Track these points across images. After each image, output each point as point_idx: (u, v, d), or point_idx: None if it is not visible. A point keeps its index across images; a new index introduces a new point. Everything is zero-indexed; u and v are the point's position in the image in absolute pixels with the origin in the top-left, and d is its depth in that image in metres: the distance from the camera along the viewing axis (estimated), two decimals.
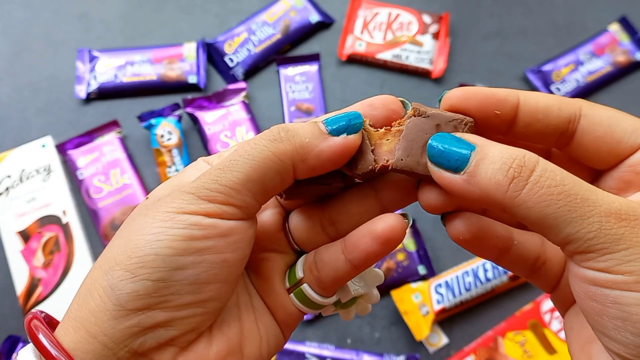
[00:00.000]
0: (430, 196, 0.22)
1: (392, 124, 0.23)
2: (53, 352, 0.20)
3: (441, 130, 0.22)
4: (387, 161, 0.23)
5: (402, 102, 0.24)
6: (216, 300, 0.22)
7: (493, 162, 0.19)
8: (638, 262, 0.18)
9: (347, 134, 0.22)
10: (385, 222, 0.23)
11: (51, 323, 0.23)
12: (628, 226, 0.18)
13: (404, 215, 0.23)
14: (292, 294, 0.24)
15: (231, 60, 0.69)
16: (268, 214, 0.25)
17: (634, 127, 0.22)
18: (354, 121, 0.22)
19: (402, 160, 0.22)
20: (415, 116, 0.23)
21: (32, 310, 0.23)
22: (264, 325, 0.24)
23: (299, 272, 0.24)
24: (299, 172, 0.22)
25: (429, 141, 0.21)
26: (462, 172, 0.20)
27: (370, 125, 0.24)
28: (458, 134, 0.21)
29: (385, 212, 0.24)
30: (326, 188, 0.23)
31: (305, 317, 0.56)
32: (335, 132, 0.22)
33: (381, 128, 0.24)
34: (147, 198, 0.23)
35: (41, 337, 0.20)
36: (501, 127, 0.23)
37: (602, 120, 0.22)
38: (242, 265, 0.23)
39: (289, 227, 0.25)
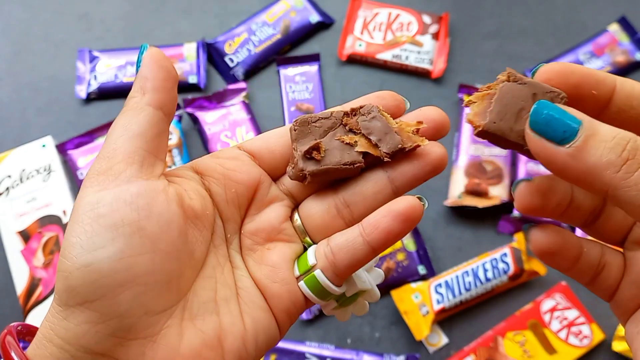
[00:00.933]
0: (527, 197, 0.22)
1: (480, 87, 0.23)
2: None
3: (536, 100, 0.21)
4: (479, 123, 0.22)
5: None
6: (153, 273, 0.21)
7: (605, 140, 0.18)
8: None
9: None
10: (406, 201, 0.23)
11: (30, 332, 0.23)
12: None
13: (419, 198, 0.23)
14: (302, 282, 0.24)
15: (231, 60, 0.69)
16: (274, 207, 0.26)
17: None
18: None
19: (494, 123, 0.21)
20: (509, 81, 0.22)
21: (10, 325, 0.23)
22: (252, 320, 0.24)
23: (312, 259, 0.24)
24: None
25: (535, 106, 0.20)
26: (568, 145, 0.19)
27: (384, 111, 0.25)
28: (562, 106, 0.20)
29: (398, 193, 0.24)
30: (350, 169, 0.24)
31: (304, 316, 0.56)
32: None
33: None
34: None
35: (12, 354, 0.21)
36: (594, 108, 0.22)
37: None
38: (174, 237, 0.22)
39: (300, 215, 0.25)
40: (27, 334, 0.23)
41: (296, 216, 0.26)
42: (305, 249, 0.26)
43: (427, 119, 0.25)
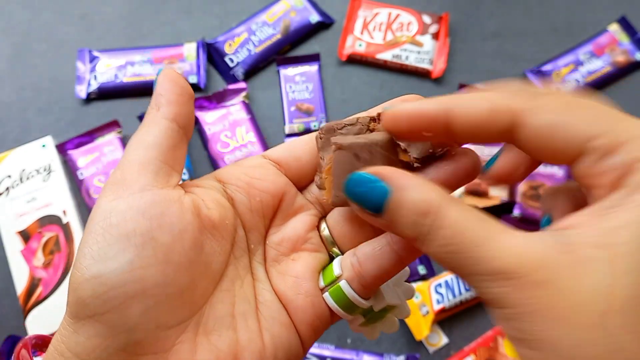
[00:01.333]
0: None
1: (323, 166, 0.24)
2: None
3: (359, 159, 0.22)
4: (328, 202, 0.23)
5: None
6: (165, 285, 0.20)
7: (406, 214, 0.19)
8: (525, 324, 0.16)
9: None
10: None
11: (46, 343, 0.23)
12: (509, 286, 0.16)
13: None
14: (327, 293, 0.24)
15: (231, 60, 0.69)
16: (300, 217, 0.25)
17: (580, 136, 0.18)
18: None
19: (337, 196, 0.23)
20: (336, 150, 0.23)
21: (26, 337, 0.23)
22: (271, 337, 0.23)
23: (337, 270, 0.23)
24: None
25: (345, 182, 0.20)
26: (381, 217, 0.19)
27: None
28: (373, 171, 0.20)
29: None
30: None
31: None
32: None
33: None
34: None
35: None
36: (443, 141, 0.22)
37: (542, 130, 0.19)
38: (187, 248, 0.21)
39: (329, 224, 0.25)
40: (43, 346, 0.23)
41: (323, 225, 0.25)
42: (331, 260, 0.25)
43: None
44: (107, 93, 0.67)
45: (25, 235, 0.58)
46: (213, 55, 0.69)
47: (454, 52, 0.70)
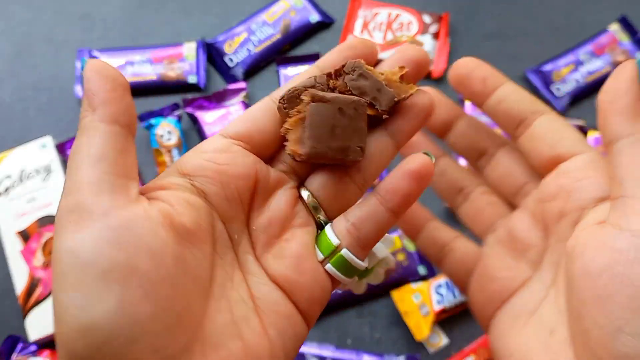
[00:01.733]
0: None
1: (290, 112, 0.23)
2: None
3: (344, 115, 0.22)
4: (298, 152, 0.22)
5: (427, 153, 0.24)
6: (160, 317, 0.19)
7: None
8: None
9: None
10: (419, 159, 0.23)
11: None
12: None
13: (427, 154, 0.23)
14: (328, 264, 0.23)
15: (231, 60, 0.69)
16: (281, 193, 0.24)
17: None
18: None
19: (314, 147, 0.22)
20: (314, 102, 0.22)
21: None
22: (276, 331, 0.22)
23: (334, 239, 0.23)
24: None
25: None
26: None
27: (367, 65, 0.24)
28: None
29: (399, 147, 0.25)
30: None
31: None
32: None
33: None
34: None
35: None
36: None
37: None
38: (168, 264, 0.19)
39: (311, 190, 0.24)
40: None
41: (306, 193, 0.24)
42: (319, 227, 0.24)
43: (407, 60, 0.26)
44: None
45: (25, 236, 0.58)
46: (213, 55, 0.69)
47: (454, 52, 0.70)
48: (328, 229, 0.23)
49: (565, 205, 0.25)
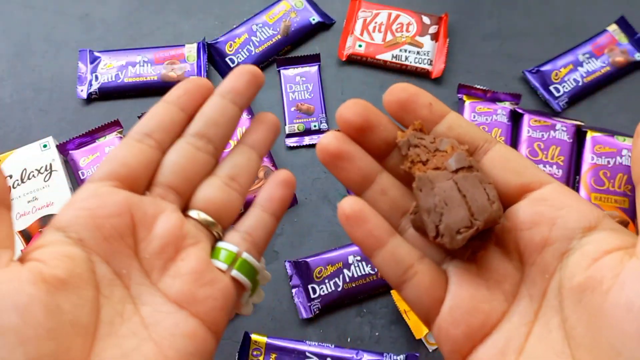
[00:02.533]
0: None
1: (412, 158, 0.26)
2: None
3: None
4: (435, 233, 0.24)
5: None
6: None
7: None
8: None
9: None
10: (283, 172, 0.28)
11: None
12: None
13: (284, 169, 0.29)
14: (234, 271, 0.25)
15: (232, 61, 0.69)
16: (164, 217, 0.25)
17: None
18: None
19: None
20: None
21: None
22: (175, 349, 0.23)
23: (233, 247, 0.26)
24: None
25: None
26: None
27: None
28: None
29: (261, 156, 0.29)
30: None
31: (304, 315, 0.56)
32: None
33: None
34: None
35: None
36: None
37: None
38: (37, 317, 0.20)
39: (199, 207, 0.26)
40: None
41: (195, 213, 0.26)
42: (217, 239, 0.27)
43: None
44: (108, 93, 0.67)
45: (27, 235, 0.59)
46: (214, 55, 0.70)
47: (453, 53, 0.70)
48: (223, 243, 0.26)
49: (549, 235, 0.24)
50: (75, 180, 0.62)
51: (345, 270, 0.57)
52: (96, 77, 0.67)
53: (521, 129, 0.64)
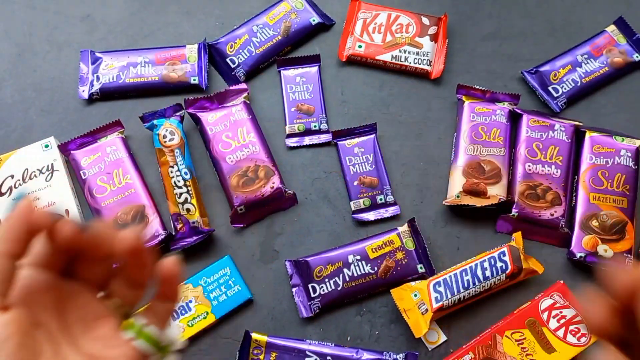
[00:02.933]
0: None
1: None
2: None
3: None
4: None
5: None
6: None
7: None
8: None
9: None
10: (169, 260, 0.31)
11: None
12: None
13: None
14: (138, 340, 0.29)
15: (233, 61, 0.69)
16: (82, 301, 0.30)
17: None
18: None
19: None
20: None
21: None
22: None
23: (140, 320, 0.30)
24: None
25: None
26: None
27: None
28: None
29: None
30: None
31: (304, 314, 0.57)
32: None
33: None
34: None
35: None
36: None
37: None
38: None
39: (113, 294, 0.30)
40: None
41: (111, 301, 0.30)
42: (124, 317, 0.30)
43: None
44: (110, 94, 0.68)
45: None
46: (214, 56, 0.70)
47: (452, 53, 0.71)
48: (135, 318, 0.30)
49: None
50: (77, 180, 0.62)
51: (345, 270, 0.58)
52: (97, 78, 0.68)
53: (520, 129, 0.64)
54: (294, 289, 0.58)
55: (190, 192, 0.60)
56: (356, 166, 0.64)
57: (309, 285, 0.58)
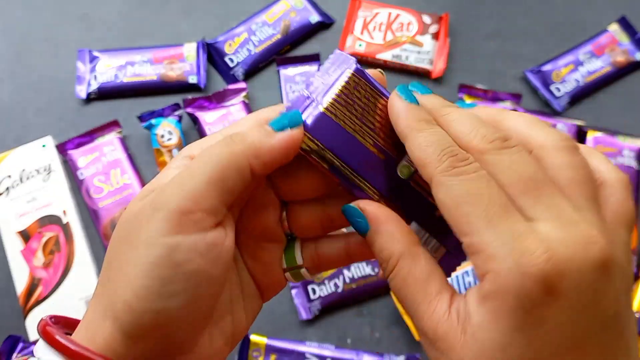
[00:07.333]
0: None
1: None
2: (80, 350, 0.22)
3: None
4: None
5: None
6: (209, 310, 0.24)
7: (375, 252, 0.24)
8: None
9: (290, 128, 0.24)
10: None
11: (65, 322, 0.25)
12: (426, 343, 0.22)
13: None
14: (288, 273, 0.28)
15: (231, 60, 0.69)
16: (267, 212, 0.27)
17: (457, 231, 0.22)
18: (293, 118, 0.24)
19: None
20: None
21: (43, 318, 0.24)
22: (252, 311, 0.27)
23: (299, 259, 0.28)
24: (255, 169, 0.24)
25: (342, 211, 0.25)
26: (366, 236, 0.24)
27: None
28: (360, 206, 0.24)
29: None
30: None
31: (304, 316, 0.56)
32: (279, 130, 0.24)
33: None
34: (124, 209, 0.25)
35: (59, 338, 0.22)
36: None
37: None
38: (226, 274, 0.24)
39: (289, 218, 0.27)
40: (65, 325, 0.25)
41: (283, 215, 0.28)
42: (289, 239, 0.28)
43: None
44: (107, 93, 0.67)
45: (26, 235, 0.58)
46: (213, 55, 0.69)
47: (454, 52, 0.70)
48: (297, 249, 0.28)
49: None
50: (74, 180, 0.62)
51: (345, 271, 0.57)
52: (95, 77, 0.67)
53: None
54: (293, 291, 0.57)
55: None
56: None
57: (309, 287, 0.57)
